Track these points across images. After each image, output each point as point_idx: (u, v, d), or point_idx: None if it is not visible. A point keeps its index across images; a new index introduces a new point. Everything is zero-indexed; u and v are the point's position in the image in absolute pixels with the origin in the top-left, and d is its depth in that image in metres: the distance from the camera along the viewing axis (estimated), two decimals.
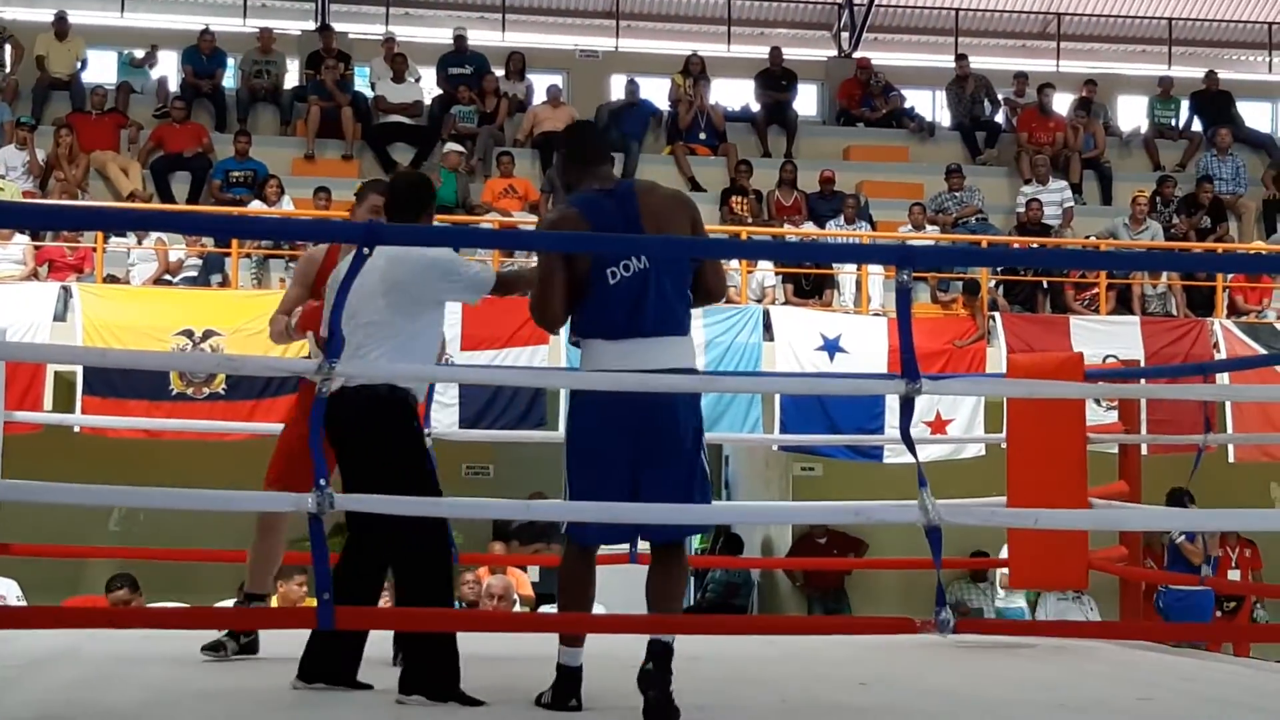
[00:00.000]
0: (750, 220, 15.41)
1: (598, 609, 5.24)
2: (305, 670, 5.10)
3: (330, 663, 5.09)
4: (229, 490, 4.39)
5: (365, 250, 4.00)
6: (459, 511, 4.03)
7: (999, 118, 18.37)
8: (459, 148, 15.59)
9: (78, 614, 5.67)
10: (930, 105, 19.34)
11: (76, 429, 11.23)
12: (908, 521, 4.04)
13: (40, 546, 8.53)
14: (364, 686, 5.10)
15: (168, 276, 13.31)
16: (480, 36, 18.13)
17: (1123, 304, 14.44)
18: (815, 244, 14.51)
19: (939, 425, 12.22)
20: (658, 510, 4.53)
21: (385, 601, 5.61)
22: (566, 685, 4.81)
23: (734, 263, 14.12)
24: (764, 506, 12.07)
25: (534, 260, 5.65)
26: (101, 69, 17.51)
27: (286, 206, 14.21)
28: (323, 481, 3.76)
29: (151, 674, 5.49)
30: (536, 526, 12.70)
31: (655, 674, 4.57)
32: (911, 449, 4.10)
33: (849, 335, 12.95)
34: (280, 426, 6.20)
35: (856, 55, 19.25)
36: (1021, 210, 15.88)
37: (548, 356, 12.20)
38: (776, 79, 18.11)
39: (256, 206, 14.15)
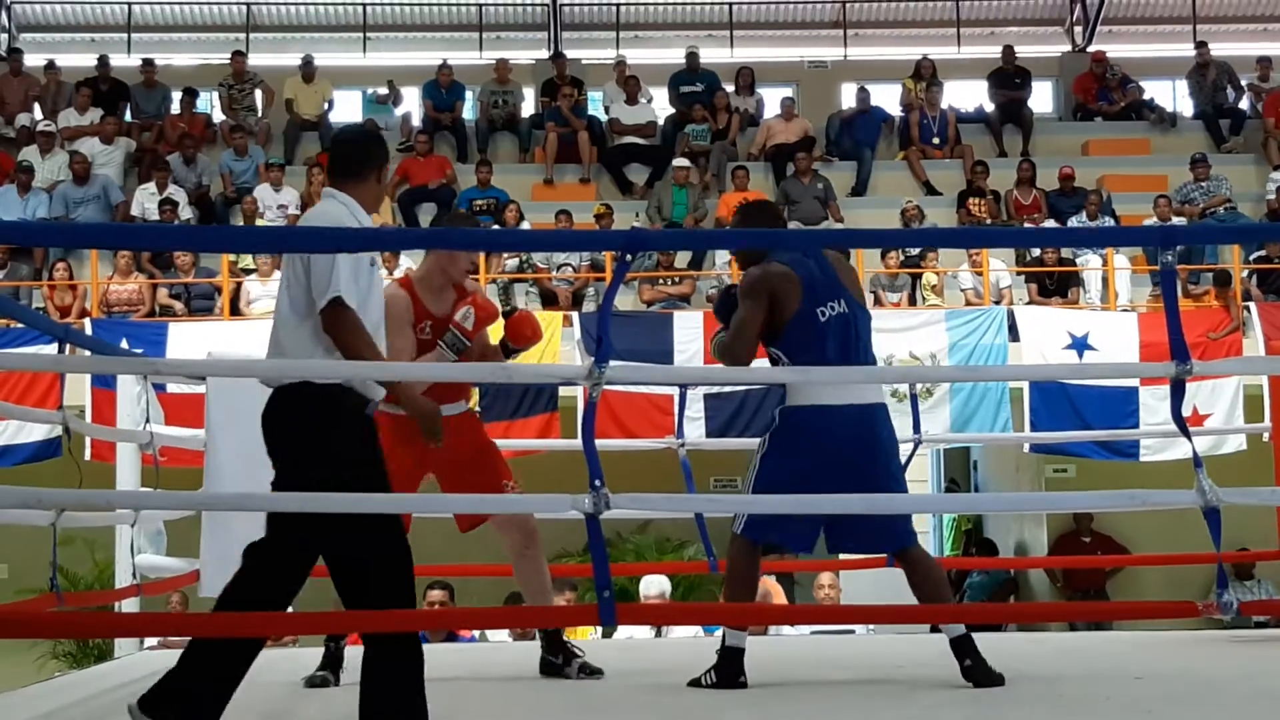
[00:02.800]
0: (989, 221, 15.28)
1: None
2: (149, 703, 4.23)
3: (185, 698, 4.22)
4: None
5: (629, 257, 4.11)
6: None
7: (1243, 104, 17.89)
8: (685, 163, 15.75)
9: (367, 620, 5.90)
10: (1170, 95, 18.90)
11: None
12: (1185, 504, 3.99)
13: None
14: None
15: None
16: (710, 54, 18.28)
17: None
18: (1074, 231, 14.16)
19: (1196, 419, 11.93)
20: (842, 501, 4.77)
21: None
22: (732, 664, 5.19)
23: (964, 264, 14.05)
24: (1041, 497, 11.83)
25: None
26: (347, 108, 18.15)
27: None
28: (598, 482, 3.87)
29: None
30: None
31: (971, 668, 5.11)
32: (1185, 432, 4.08)
33: (1097, 332, 12.72)
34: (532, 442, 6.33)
35: (1091, 49, 18.94)
36: (1272, 197, 15.44)
37: None
38: (1010, 77, 17.91)
39: None
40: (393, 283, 5.73)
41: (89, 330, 12.16)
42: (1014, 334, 12.73)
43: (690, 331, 12.36)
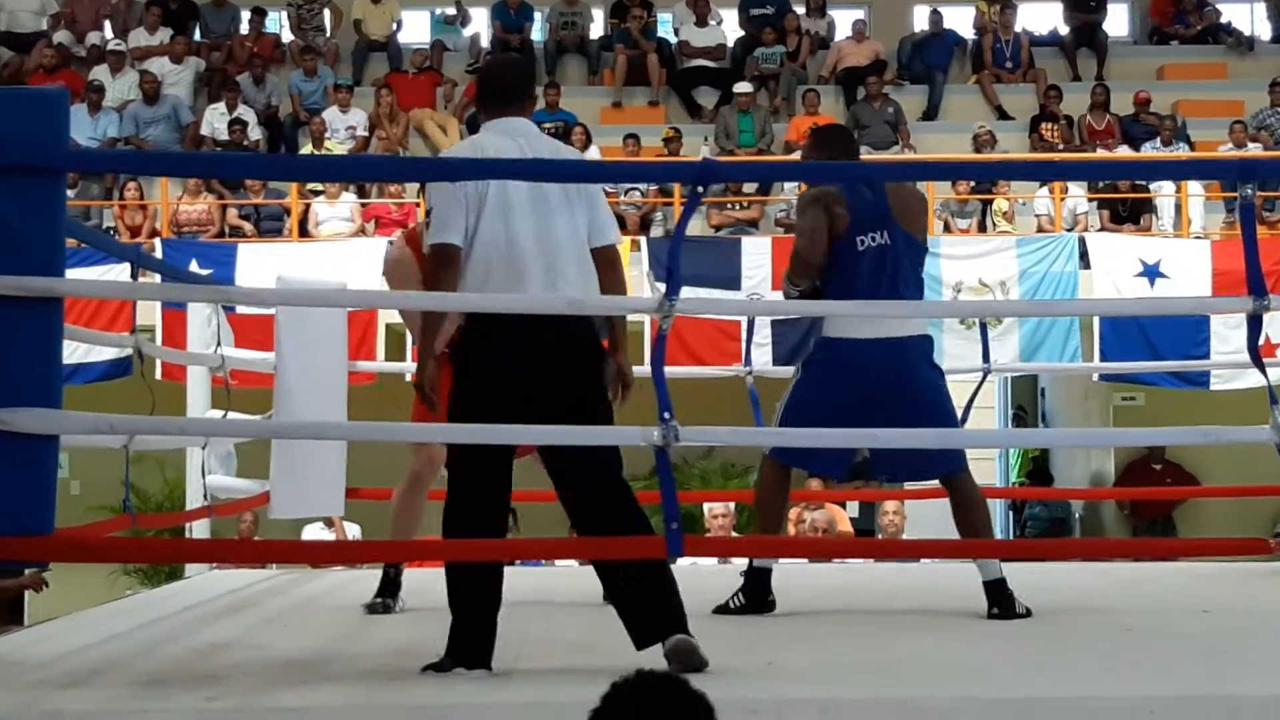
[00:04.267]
0: (1062, 146, 15.09)
1: None
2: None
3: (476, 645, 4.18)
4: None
5: (700, 189, 4.09)
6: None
7: None
8: (748, 88, 15.62)
9: (425, 547, 5.96)
10: (1248, 18, 18.55)
11: (408, 378, 11.68)
12: (1259, 441, 3.95)
13: (386, 490, 8.95)
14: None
15: None
16: None
17: None
18: (1150, 162, 13.79)
19: (1269, 349, 11.79)
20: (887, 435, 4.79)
21: None
22: (760, 586, 5.38)
23: (1043, 190, 13.89)
24: (1105, 432, 11.74)
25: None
26: (416, 29, 18.09)
27: (593, 154, 14.49)
28: (667, 415, 3.86)
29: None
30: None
31: (1000, 613, 5.18)
32: (1260, 366, 4.03)
33: (1169, 260, 12.55)
34: None
35: None
36: None
37: None
38: (1085, 0, 17.63)
39: None
40: (399, 241, 5.83)
41: (159, 251, 12.27)
42: (1084, 261, 12.59)
43: (758, 257, 12.31)
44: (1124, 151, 14.98)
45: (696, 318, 11.15)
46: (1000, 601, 5.24)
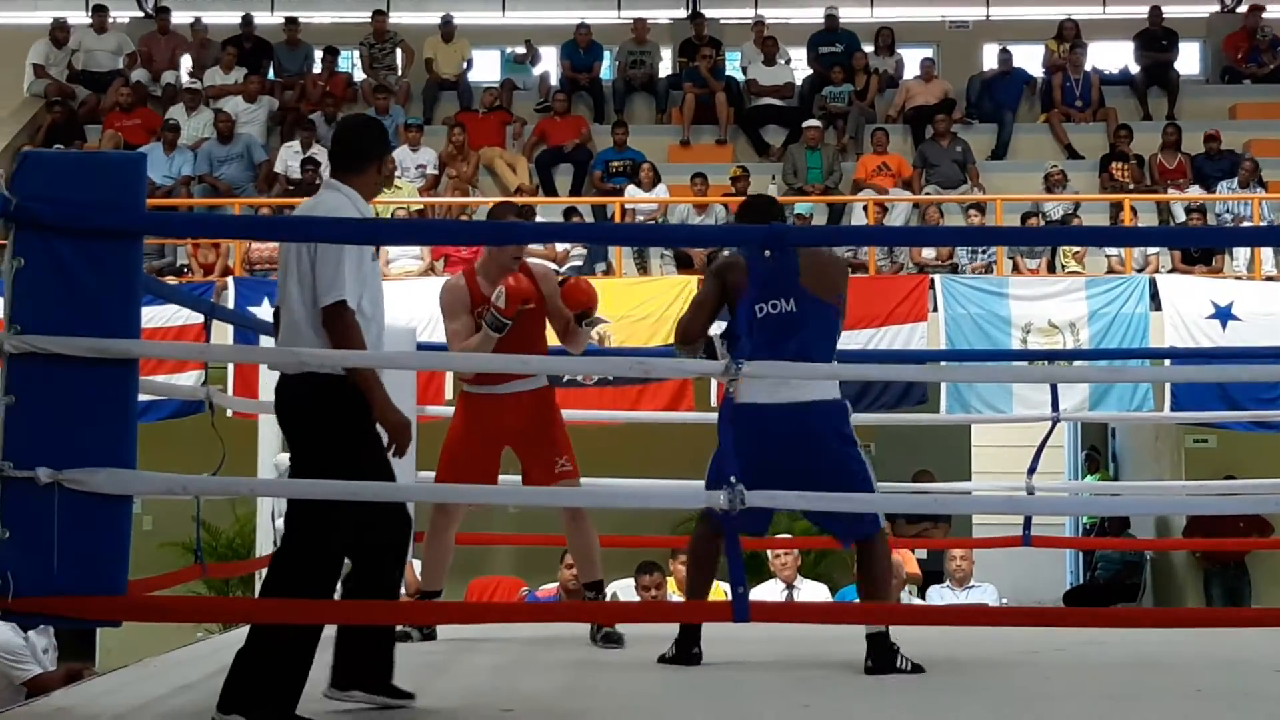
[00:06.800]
0: (1132, 186, 15.00)
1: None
2: (340, 678, 4.62)
3: (366, 668, 4.60)
4: (632, 480, 4.57)
5: (767, 253, 4.11)
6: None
7: None
8: (817, 124, 15.63)
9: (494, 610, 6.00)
10: None
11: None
12: None
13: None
14: (405, 695, 4.65)
15: (554, 266, 13.78)
16: (849, 13, 18.07)
17: None
18: (1219, 231, 13.59)
19: None
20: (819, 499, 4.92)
21: None
22: (689, 638, 5.54)
23: None
24: (1177, 501, 11.22)
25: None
26: (486, 68, 18.25)
27: (661, 193, 14.55)
28: (733, 478, 3.88)
29: (563, 658, 5.78)
30: None
31: (874, 667, 5.27)
32: None
33: (1242, 301, 12.41)
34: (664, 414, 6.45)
35: (1241, 9, 18.47)
36: None
37: (927, 333, 12.16)
38: (1156, 39, 17.53)
39: (632, 193, 14.52)
40: (459, 273, 6.39)
41: (232, 289, 12.42)
42: (1155, 302, 12.50)
43: None
44: (1195, 191, 14.88)
45: None
46: (878, 654, 5.31)
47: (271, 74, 17.32)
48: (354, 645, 4.54)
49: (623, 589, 8.80)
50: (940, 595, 10.50)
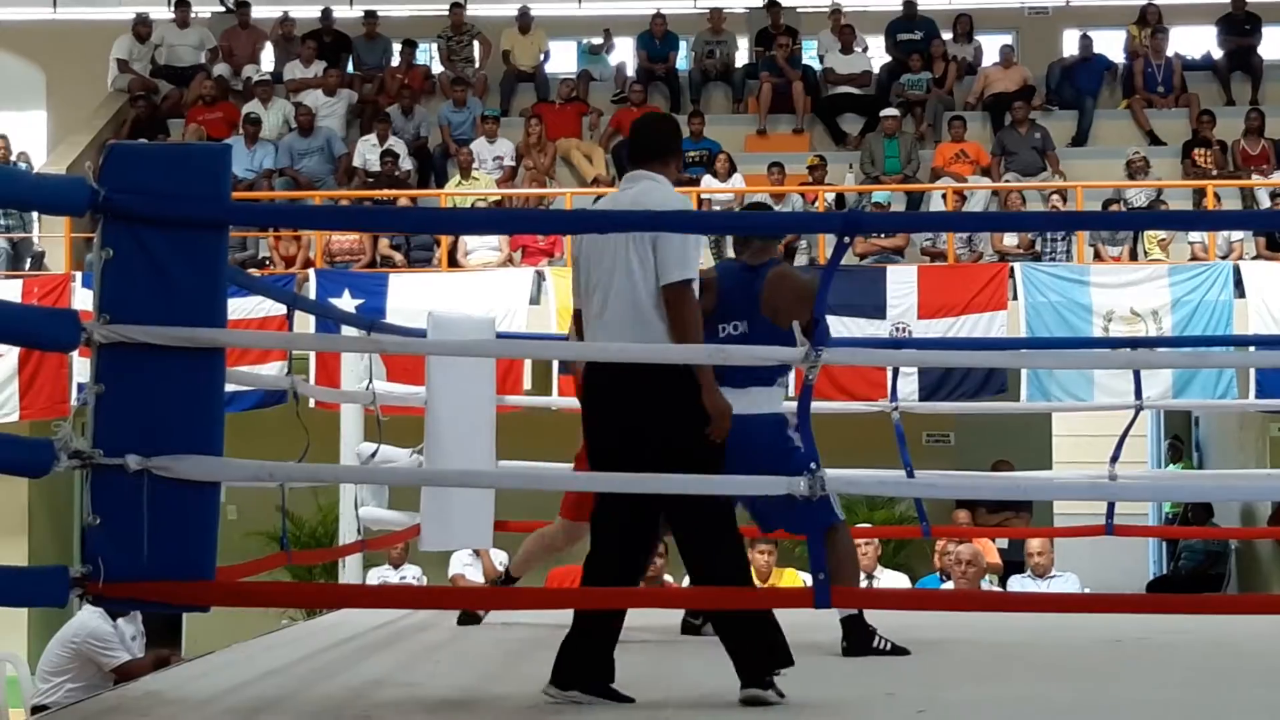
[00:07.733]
0: (1215, 173, 14.83)
1: None
2: (561, 677, 4.56)
3: (587, 669, 4.54)
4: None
5: (846, 240, 4.11)
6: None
7: None
8: (894, 112, 15.55)
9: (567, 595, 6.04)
10: None
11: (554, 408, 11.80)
12: None
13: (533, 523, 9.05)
14: (625, 699, 4.55)
15: None
16: (927, 0, 17.98)
17: None
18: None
19: None
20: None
21: None
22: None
23: None
24: (1234, 488, 11.14)
25: None
26: (563, 59, 18.30)
27: (737, 183, 14.53)
28: (814, 465, 3.89)
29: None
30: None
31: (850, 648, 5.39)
32: None
33: None
34: None
35: None
36: None
37: (1006, 322, 12.08)
38: (1239, 23, 17.30)
39: (709, 183, 14.52)
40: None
41: (313, 281, 12.55)
42: (1239, 289, 12.35)
43: (904, 285, 12.24)
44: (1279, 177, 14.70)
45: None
46: (854, 636, 5.41)
47: (350, 67, 17.44)
48: (580, 644, 4.53)
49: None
50: (1021, 585, 10.42)
